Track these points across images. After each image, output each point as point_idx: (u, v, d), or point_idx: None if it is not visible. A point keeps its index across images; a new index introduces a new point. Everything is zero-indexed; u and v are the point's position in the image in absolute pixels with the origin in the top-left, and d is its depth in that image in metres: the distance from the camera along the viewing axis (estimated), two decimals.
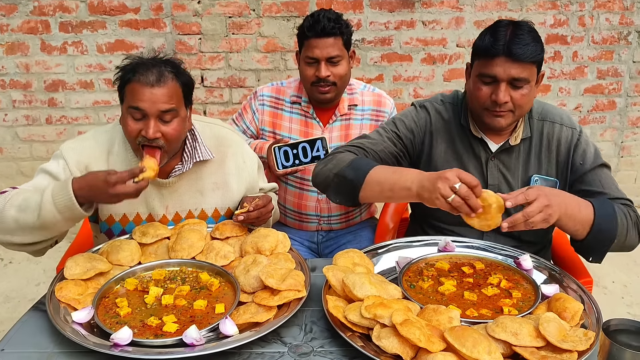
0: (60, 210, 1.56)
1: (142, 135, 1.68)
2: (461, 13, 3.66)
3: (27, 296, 3.21)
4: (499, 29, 1.74)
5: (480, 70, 1.76)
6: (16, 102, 3.58)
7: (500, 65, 1.71)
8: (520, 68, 1.70)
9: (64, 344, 1.36)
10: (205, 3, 3.50)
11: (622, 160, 4.16)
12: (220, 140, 1.95)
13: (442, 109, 1.96)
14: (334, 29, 2.17)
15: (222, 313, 1.44)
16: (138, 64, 1.71)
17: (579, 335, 1.30)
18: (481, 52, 1.76)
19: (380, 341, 1.28)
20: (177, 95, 1.72)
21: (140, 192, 1.57)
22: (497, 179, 1.88)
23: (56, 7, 3.42)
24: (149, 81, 1.67)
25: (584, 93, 3.94)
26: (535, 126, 1.89)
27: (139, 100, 1.66)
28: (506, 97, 1.72)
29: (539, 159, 1.88)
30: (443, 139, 1.92)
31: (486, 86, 1.76)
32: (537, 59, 1.72)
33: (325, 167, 1.83)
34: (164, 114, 1.69)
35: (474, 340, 1.22)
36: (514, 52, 1.68)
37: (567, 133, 1.87)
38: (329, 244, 2.46)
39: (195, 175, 1.89)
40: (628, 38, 3.84)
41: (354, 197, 1.76)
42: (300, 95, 2.37)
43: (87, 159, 1.79)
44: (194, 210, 1.91)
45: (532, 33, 1.73)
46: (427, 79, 3.78)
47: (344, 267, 1.55)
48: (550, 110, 1.92)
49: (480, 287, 1.57)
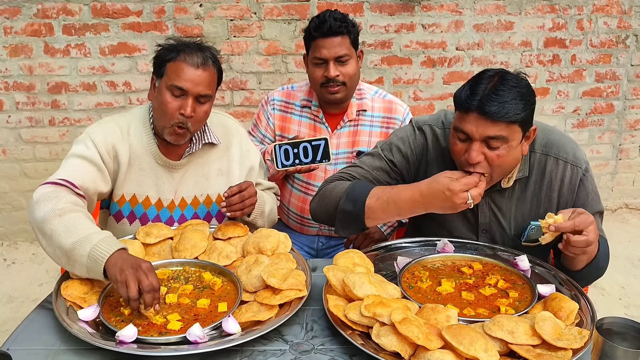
0: (90, 256, 1.48)
1: (179, 114, 1.78)
2: (461, 16, 3.69)
3: (30, 296, 3.24)
4: (481, 80, 1.60)
5: (456, 124, 1.64)
6: (19, 104, 3.61)
7: (473, 123, 1.58)
8: (496, 127, 1.56)
9: (70, 342, 1.38)
10: (207, 6, 3.53)
11: (620, 163, 4.19)
12: (227, 129, 2.03)
13: (441, 134, 1.83)
14: (340, 28, 2.17)
15: (225, 312, 1.46)
16: (182, 45, 1.81)
17: (573, 334, 1.33)
18: (457, 103, 1.63)
19: (380, 339, 1.31)
20: (214, 81, 1.85)
21: (149, 300, 1.42)
22: (488, 217, 1.81)
23: (59, 10, 3.45)
24: (195, 62, 1.78)
25: (583, 96, 3.97)
26: (537, 161, 1.75)
27: (183, 79, 1.76)
28: (479, 157, 1.59)
29: (538, 197, 1.76)
30: (439, 168, 1.78)
31: (461, 142, 1.64)
32: (515, 118, 1.55)
33: (321, 204, 1.83)
34: (202, 97, 1.80)
35: (470, 338, 1.25)
36: (487, 110, 1.54)
37: (571, 172, 1.74)
38: (328, 251, 2.46)
39: (202, 160, 1.97)
40: (626, 42, 3.88)
41: (361, 226, 1.76)
42: (310, 99, 2.37)
43: (112, 139, 1.85)
44: (199, 196, 1.97)
45: (518, 89, 1.57)
46: (426, 82, 3.81)
47: (344, 267, 1.58)
48: (556, 142, 1.76)
49: (478, 288, 1.60)
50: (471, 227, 1.85)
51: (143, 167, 1.90)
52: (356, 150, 2.34)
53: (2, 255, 3.70)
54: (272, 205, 2.08)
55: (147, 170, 1.90)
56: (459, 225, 1.86)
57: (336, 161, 2.35)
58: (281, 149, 2.11)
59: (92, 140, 1.82)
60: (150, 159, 1.90)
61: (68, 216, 1.57)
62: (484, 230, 1.83)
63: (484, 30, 3.74)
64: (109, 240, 1.52)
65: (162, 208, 1.94)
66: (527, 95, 1.59)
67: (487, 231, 1.83)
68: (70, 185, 1.69)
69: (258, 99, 3.72)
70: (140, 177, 1.90)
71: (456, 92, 1.64)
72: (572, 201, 1.75)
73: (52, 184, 1.68)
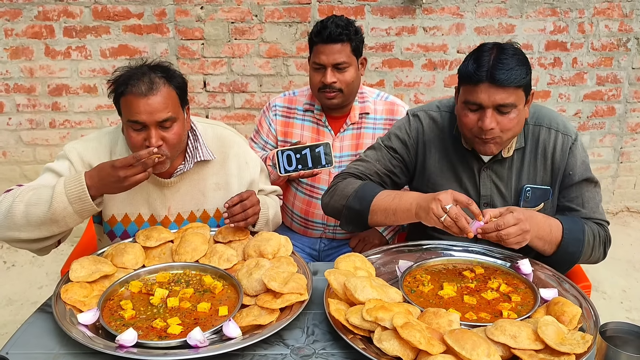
0: (72, 200, 1.61)
1: (146, 146, 1.69)
2: (462, 19, 3.69)
3: (29, 299, 3.23)
4: (483, 53, 1.71)
5: (466, 97, 1.74)
6: (20, 106, 3.61)
7: (485, 92, 1.68)
8: (506, 93, 1.67)
9: (70, 345, 1.38)
10: (208, 8, 3.53)
11: (622, 166, 4.18)
12: (222, 141, 1.97)
13: (437, 116, 1.95)
14: (341, 35, 2.17)
15: (226, 315, 1.46)
16: (128, 76, 1.71)
17: (576, 339, 1.32)
18: (465, 78, 1.74)
19: (382, 343, 1.30)
20: (172, 101, 1.73)
21: (147, 169, 1.62)
22: (490, 189, 1.89)
23: (60, 12, 3.45)
24: (142, 91, 1.67)
25: (584, 99, 3.97)
26: (530, 132, 1.87)
27: (135, 113, 1.68)
28: (492, 123, 1.70)
29: (534, 166, 1.87)
30: (437, 148, 1.93)
31: (472, 113, 1.74)
32: (522, 82, 1.68)
33: (332, 200, 1.92)
34: (163, 122, 1.70)
35: (473, 343, 1.24)
36: (497, 77, 1.65)
37: (562, 139, 1.85)
38: (329, 252, 2.46)
39: (197, 176, 1.92)
40: (627, 45, 3.87)
41: (364, 224, 1.83)
42: (313, 103, 2.38)
43: (90, 158, 1.82)
44: (196, 212, 1.93)
45: (517, 56, 1.70)
46: (427, 85, 3.80)
47: (345, 270, 1.57)
48: (547, 114, 1.89)
49: (480, 292, 1.59)
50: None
51: None
52: (360, 153, 2.34)
53: (2, 257, 3.70)
54: (276, 209, 2.08)
55: (137, 189, 1.81)
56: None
57: (340, 164, 2.35)
58: (284, 155, 2.11)
59: (68, 157, 1.82)
60: None
61: (28, 196, 1.65)
62: (485, 204, 1.90)
63: (485, 33, 3.74)
64: (71, 178, 1.64)
65: (156, 223, 1.91)
66: (525, 61, 1.72)
67: (488, 204, 1.90)
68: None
69: (259, 102, 3.72)
70: (130, 196, 1.86)
71: (460, 68, 1.76)
72: (564, 167, 1.86)
73: (6, 192, 1.72)
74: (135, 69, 1.73)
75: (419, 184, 1.98)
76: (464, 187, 1.90)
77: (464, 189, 1.90)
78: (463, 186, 1.91)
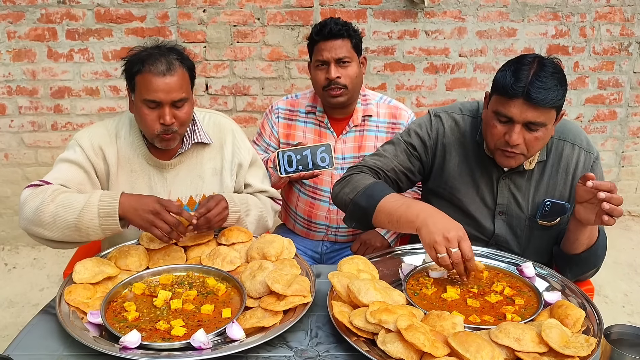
0: (100, 214, 1.64)
1: (160, 124, 1.78)
2: (464, 23, 3.69)
3: (31, 301, 3.23)
4: (522, 67, 1.65)
5: (497, 108, 1.70)
6: (22, 109, 3.61)
7: (518, 108, 1.64)
8: (538, 112, 1.64)
9: (73, 347, 1.38)
10: (210, 12, 3.54)
11: (623, 170, 4.19)
12: (220, 127, 2.03)
13: (460, 120, 1.92)
14: (341, 31, 2.21)
15: (229, 318, 1.45)
16: (147, 55, 1.79)
17: (580, 341, 1.32)
18: (500, 89, 1.68)
19: (385, 346, 1.30)
20: (185, 82, 1.82)
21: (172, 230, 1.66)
22: (507, 198, 1.87)
23: (63, 14, 3.46)
24: (160, 71, 1.75)
25: (585, 103, 3.97)
26: (553, 146, 1.85)
27: (153, 91, 1.75)
28: (519, 139, 1.67)
29: (555, 180, 1.85)
30: (457, 152, 1.91)
31: (501, 125, 1.70)
32: (557, 104, 1.65)
33: (343, 191, 1.86)
34: (177, 102, 1.79)
35: (477, 346, 1.24)
36: (534, 97, 1.61)
37: (584, 157, 1.84)
38: (332, 255, 2.46)
39: (195, 160, 1.97)
40: (629, 49, 3.88)
41: (367, 223, 1.78)
42: (315, 105, 2.39)
43: (99, 141, 1.88)
44: (195, 197, 1.97)
45: (557, 74, 1.65)
46: (429, 88, 3.81)
47: (348, 273, 1.57)
48: (572, 130, 1.87)
49: (483, 295, 1.59)
50: (488, 210, 1.90)
51: (134, 168, 1.91)
52: (362, 155, 2.35)
53: (3, 259, 3.70)
54: (262, 211, 2.02)
55: (139, 172, 1.92)
56: (475, 208, 1.90)
57: (343, 165, 2.35)
58: (284, 156, 2.11)
59: (79, 144, 1.86)
60: (141, 160, 1.91)
61: (60, 197, 1.68)
62: (501, 213, 1.88)
63: (486, 37, 3.74)
64: (108, 193, 1.67)
65: None
66: (564, 81, 1.67)
67: (504, 213, 1.88)
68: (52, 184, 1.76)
69: (261, 105, 3.72)
70: (132, 179, 1.91)
71: (497, 77, 1.70)
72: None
73: (34, 186, 1.75)
74: (152, 48, 1.81)
75: (436, 185, 1.96)
76: (480, 194, 1.89)
77: (480, 196, 1.89)
78: (480, 192, 1.89)
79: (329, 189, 2.36)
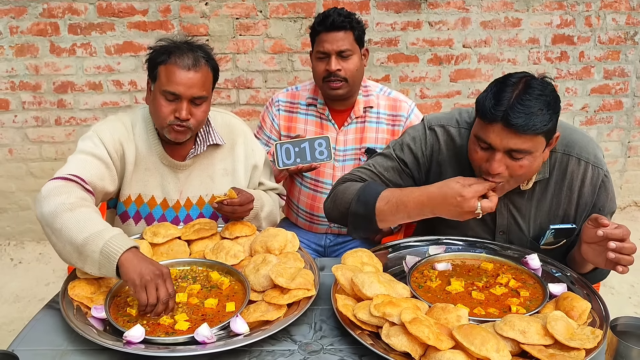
0: (102, 252, 1.46)
1: (174, 117, 1.76)
2: (467, 14, 3.66)
3: (36, 296, 3.24)
4: (506, 88, 1.51)
5: (477, 132, 1.57)
6: (26, 104, 3.61)
7: (497, 134, 1.50)
8: (520, 140, 1.49)
9: (78, 342, 1.38)
10: (212, 5, 3.52)
11: (629, 160, 4.16)
12: (231, 128, 2.01)
13: (456, 134, 1.77)
14: (343, 23, 2.19)
15: (233, 311, 1.45)
16: (173, 47, 1.78)
17: (586, 334, 1.31)
18: (480, 111, 1.55)
19: (390, 339, 1.29)
20: (208, 81, 1.81)
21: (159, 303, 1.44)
22: (507, 219, 1.76)
23: (65, 9, 3.45)
24: (186, 65, 1.74)
25: (591, 93, 3.94)
26: (558, 161, 1.69)
27: (175, 83, 1.73)
28: (500, 168, 1.54)
29: (557, 199, 1.72)
30: (453, 168, 1.76)
31: (482, 151, 1.57)
32: (542, 130, 1.48)
33: (334, 205, 1.81)
34: (196, 99, 1.77)
35: (482, 338, 1.23)
36: (513, 122, 1.46)
37: (592, 172, 1.68)
38: (335, 248, 2.45)
39: (207, 161, 1.96)
40: (634, 38, 3.84)
41: (374, 229, 1.73)
42: (316, 97, 2.37)
43: (119, 137, 1.85)
44: (204, 196, 1.96)
45: (544, 97, 1.49)
46: (433, 80, 3.79)
47: (352, 266, 1.57)
48: (578, 141, 1.70)
49: (488, 287, 1.58)
50: (488, 229, 1.82)
51: (148, 167, 1.90)
52: (364, 146, 2.34)
53: (9, 254, 3.71)
54: (272, 207, 2.05)
55: (153, 170, 1.90)
56: (475, 226, 1.82)
57: (344, 157, 2.34)
58: (282, 148, 2.10)
59: (100, 138, 1.81)
60: (155, 159, 1.90)
61: (79, 210, 1.55)
62: (501, 232, 1.80)
63: (491, 28, 3.71)
64: (121, 238, 1.50)
65: (168, 208, 1.94)
66: (553, 103, 1.51)
67: (505, 233, 1.80)
68: (79, 181, 1.68)
69: (264, 98, 3.71)
70: (146, 177, 1.90)
71: (479, 98, 1.57)
72: (592, 202, 1.71)
73: (62, 179, 1.66)
74: (180, 42, 1.81)
75: None
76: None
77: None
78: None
79: (330, 181, 2.35)
